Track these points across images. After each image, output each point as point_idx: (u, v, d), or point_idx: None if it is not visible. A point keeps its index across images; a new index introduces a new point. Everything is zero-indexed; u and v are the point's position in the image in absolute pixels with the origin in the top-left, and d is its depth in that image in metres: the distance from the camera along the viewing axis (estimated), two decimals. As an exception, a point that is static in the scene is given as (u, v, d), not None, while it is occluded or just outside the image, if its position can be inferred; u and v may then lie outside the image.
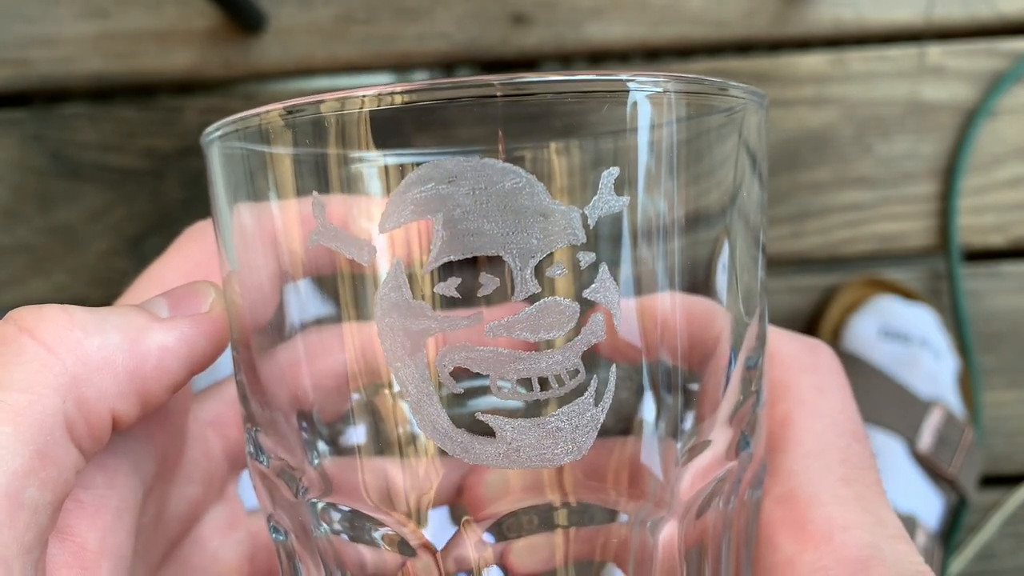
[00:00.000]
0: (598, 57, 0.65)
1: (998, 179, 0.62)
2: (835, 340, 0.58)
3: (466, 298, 0.16)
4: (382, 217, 0.15)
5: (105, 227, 0.63)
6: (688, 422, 0.17)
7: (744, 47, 0.65)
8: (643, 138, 0.15)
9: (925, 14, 0.63)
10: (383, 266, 0.16)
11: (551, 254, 0.15)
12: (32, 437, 0.16)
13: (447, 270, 0.15)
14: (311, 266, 0.16)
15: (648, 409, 0.16)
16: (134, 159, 0.63)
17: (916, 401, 0.54)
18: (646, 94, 0.15)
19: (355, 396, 0.17)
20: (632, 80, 0.15)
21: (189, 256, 0.21)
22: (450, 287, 0.15)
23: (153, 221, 0.63)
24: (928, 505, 0.54)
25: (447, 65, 0.64)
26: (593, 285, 0.16)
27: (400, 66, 0.64)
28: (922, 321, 0.57)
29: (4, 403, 0.16)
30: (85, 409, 0.17)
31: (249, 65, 0.63)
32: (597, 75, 0.15)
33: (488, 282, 0.15)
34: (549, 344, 0.16)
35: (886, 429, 0.53)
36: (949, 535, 0.56)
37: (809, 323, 0.61)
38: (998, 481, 0.61)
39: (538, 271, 0.15)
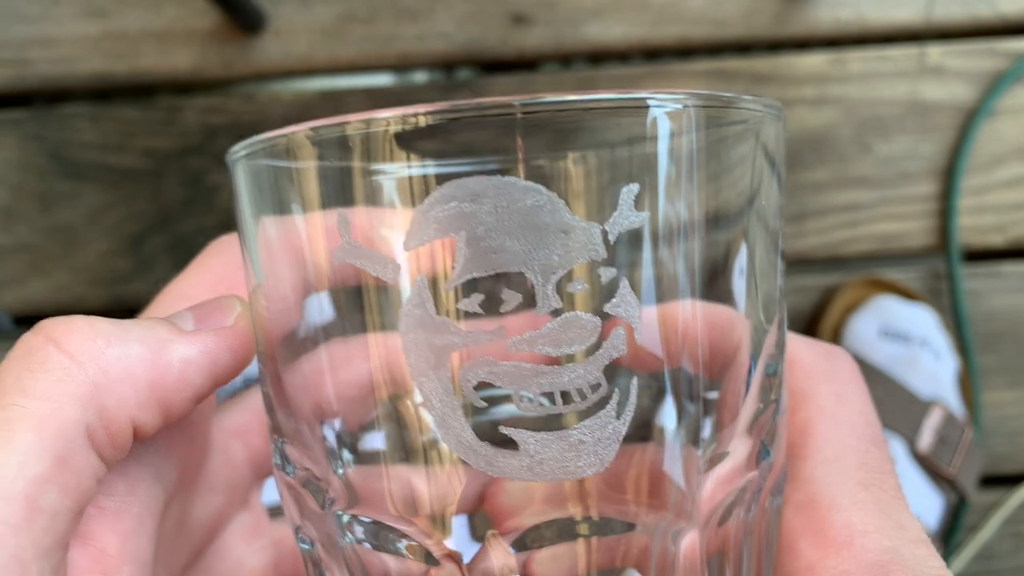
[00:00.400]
0: (598, 57, 0.65)
1: (998, 179, 0.62)
2: (835, 340, 0.58)
3: (489, 313, 0.16)
4: (406, 235, 0.16)
5: (105, 227, 0.63)
6: (708, 431, 0.17)
7: (744, 47, 0.65)
8: (662, 152, 0.16)
9: (925, 14, 0.63)
10: (407, 282, 0.16)
11: (572, 269, 0.16)
12: (53, 444, 0.16)
13: (470, 286, 0.16)
14: (336, 279, 0.17)
15: (669, 418, 0.17)
16: (134, 159, 0.63)
17: (916, 401, 0.54)
18: (666, 111, 0.15)
19: (379, 406, 0.17)
20: (651, 98, 0.15)
21: (212, 270, 0.21)
22: (473, 303, 0.16)
23: (153, 221, 0.63)
24: (928, 505, 0.54)
25: (447, 65, 0.64)
26: (614, 300, 0.16)
27: (400, 66, 0.64)
28: (922, 321, 0.57)
29: (27, 410, 0.16)
30: (106, 418, 0.17)
31: (249, 65, 0.63)
32: (616, 94, 0.15)
33: (510, 298, 0.16)
34: (571, 358, 0.16)
35: (886, 429, 0.53)
36: (949, 535, 0.56)
37: (809, 323, 0.61)
38: (998, 481, 0.61)
39: (559, 286, 0.16)
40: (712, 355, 0.17)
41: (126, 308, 0.63)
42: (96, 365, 0.17)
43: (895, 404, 0.54)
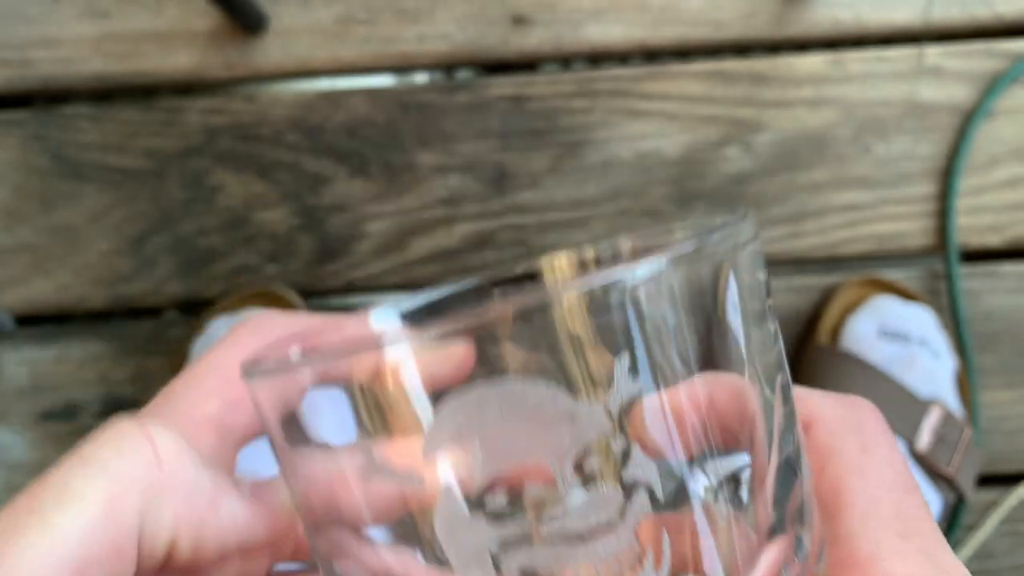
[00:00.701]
0: (598, 58, 0.65)
1: (996, 179, 0.62)
2: (834, 340, 0.58)
3: (516, 504, 0.17)
4: (424, 448, 0.17)
5: (107, 227, 0.63)
6: (743, 520, 0.18)
7: (743, 48, 0.65)
8: (644, 317, 0.17)
9: (923, 15, 0.63)
10: (434, 490, 0.17)
11: (585, 447, 0.17)
12: (115, 527, 0.17)
13: (491, 485, 0.17)
14: (368, 499, 0.18)
15: (702, 526, 0.17)
16: (135, 159, 0.63)
17: (915, 401, 0.54)
18: (639, 285, 0.16)
19: None
20: (619, 281, 0.16)
21: (247, 347, 0.21)
22: (499, 500, 0.17)
23: (154, 221, 0.63)
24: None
25: (448, 66, 0.65)
26: (628, 468, 0.17)
27: (401, 67, 0.65)
28: (921, 321, 0.57)
29: (103, 487, 0.17)
30: (151, 527, 0.18)
31: (250, 66, 0.64)
32: (587, 279, 0.16)
33: (533, 488, 0.17)
34: (602, 528, 0.17)
35: None
36: (947, 534, 0.57)
37: (808, 323, 0.61)
38: (996, 480, 0.62)
39: (577, 465, 0.17)
40: (726, 439, 0.17)
41: (127, 308, 0.63)
42: (176, 478, 0.18)
43: (894, 404, 0.54)
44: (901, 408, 0.54)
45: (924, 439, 0.54)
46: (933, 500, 0.55)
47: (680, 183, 0.62)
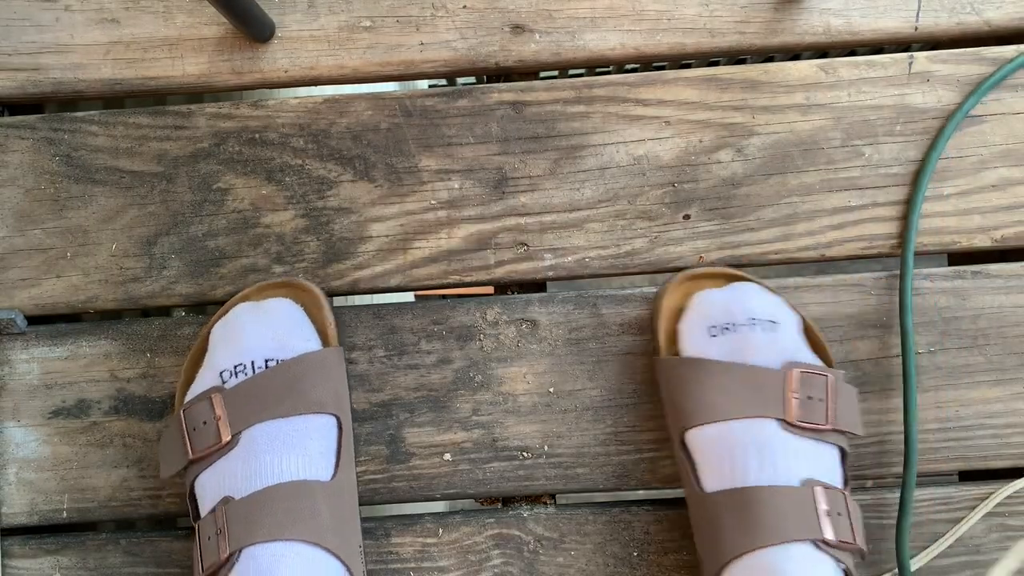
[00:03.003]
0: (595, 65, 0.66)
1: (984, 182, 0.63)
2: (675, 352, 0.58)
3: None
4: None
5: (117, 229, 0.64)
6: None
7: (737, 55, 0.66)
8: None
9: (913, 23, 0.65)
10: None
11: None
12: None
13: None
14: None
15: None
16: (145, 163, 0.64)
17: (769, 375, 0.54)
18: None
19: None
20: None
21: None
22: None
23: (164, 223, 0.64)
24: (823, 463, 0.53)
25: (449, 73, 0.66)
26: None
27: (404, 75, 0.66)
28: (743, 299, 0.56)
29: None
30: None
31: (258, 73, 0.65)
32: None
33: None
34: None
35: (754, 416, 0.53)
36: (847, 482, 0.56)
37: (649, 334, 0.62)
38: (984, 475, 0.63)
39: None
40: None
41: (138, 308, 0.64)
42: None
43: (748, 389, 0.53)
44: (759, 390, 0.53)
45: (793, 408, 0.53)
46: (828, 455, 0.54)
47: (675, 186, 0.64)
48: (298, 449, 0.54)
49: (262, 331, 0.57)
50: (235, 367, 0.56)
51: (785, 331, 0.56)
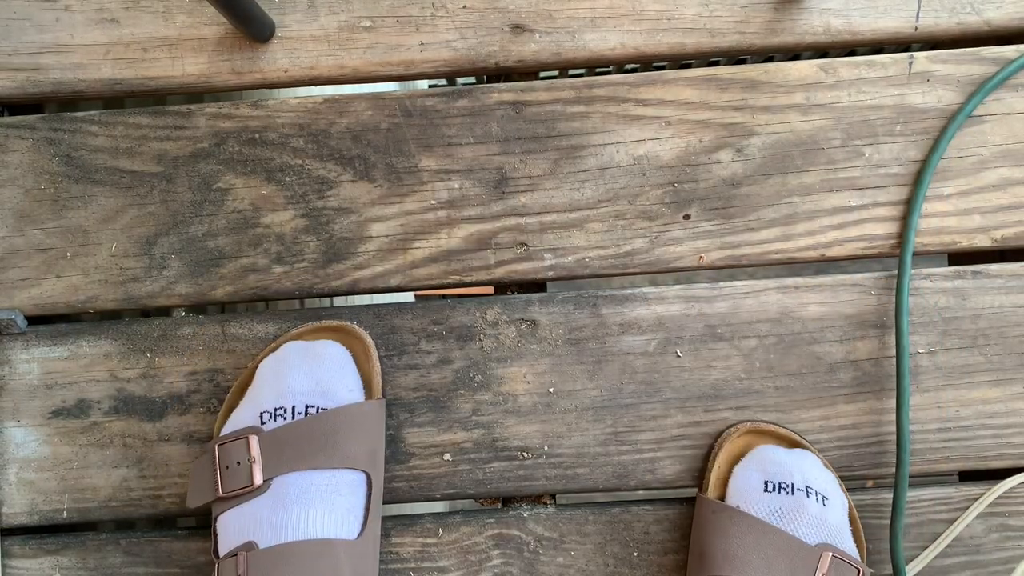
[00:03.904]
0: (595, 65, 0.66)
1: (984, 182, 0.63)
2: (723, 489, 0.59)
3: None
4: None
5: (117, 229, 0.64)
6: None
7: (737, 55, 0.66)
8: None
9: (913, 23, 0.65)
10: None
11: None
12: None
13: None
14: None
15: None
16: (145, 163, 0.64)
17: (805, 550, 0.55)
18: None
19: None
20: None
21: None
22: None
23: (164, 223, 0.64)
24: None
25: (449, 73, 0.66)
26: None
27: (404, 75, 0.66)
28: (803, 468, 0.58)
29: None
30: None
31: (257, 73, 0.65)
32: None
33: None
34: None
35: None
36: None
37: (700, 472, 0.62)
38: (983, 475, 0.63)
39: None
40: None
41: (138, 308, 0.64)
42: None
43: (785, 557, 0.54)
44: (793, 560, 0.54)
45: None
46: None
47: (675, 186, 0.64)
48: (326, 504, 0.54)
49: (307, 375, 0.57)
50: (275, 410, 0.56)
51: (833, 510, 0.57)
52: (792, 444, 0.60)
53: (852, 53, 0.68)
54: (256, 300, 0.64)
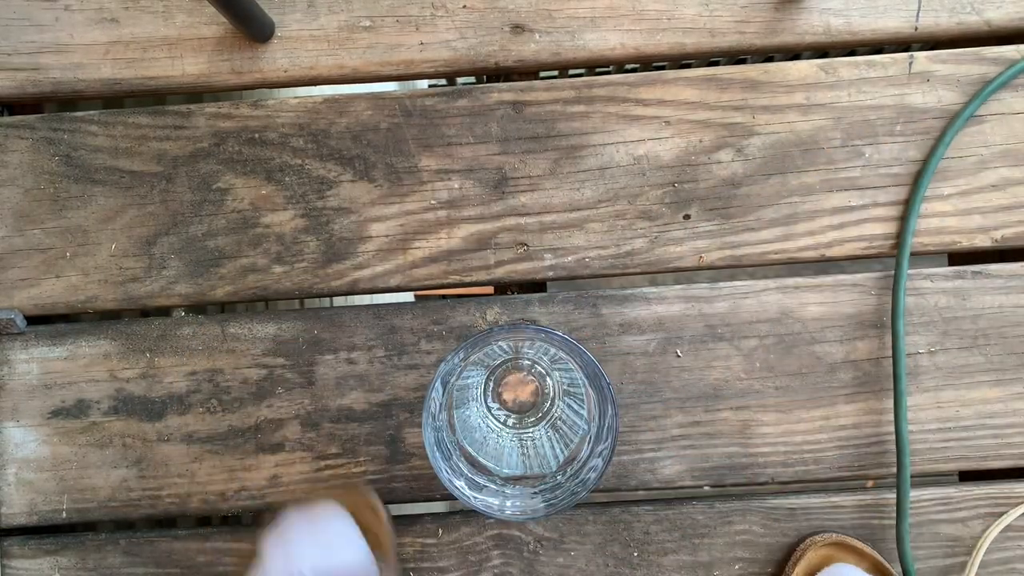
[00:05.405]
0: (595, 65, 0.66)
1: (984, 182, 0.63)
2: None
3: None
4: None
5: (116, 228, 0.64)
6: None
7: (737, 55, 0.66)
8: None
9: (913, 23, 0.65)
10: None
11: None
12: None
13: None
14: None
15: None
16: (145, 163, 0.64)
17: None
18: None
19: None
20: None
21: None
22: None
23: (163, 223, 0.64)
24: None
25: (449, 73, 0.66)
26: None
27: (404, 75, 0.66)
28: None
29: None
30: None
31: (257, 73, 0.65)
32: None
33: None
34: None
35: None
36: None
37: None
38: (984, 476, 0.63)
39: None
40: None
41: (137, 308, 0.64)
42: None
43: None
44: None
45: None
46: None
47: (675, 186, 0.64)
48: None
49: (313, 543, 0.55)
50: None
51: None
52: (874, 566, 0.60)
53: (852, 53, 0.68)
54: (256, 300, 0.64)
